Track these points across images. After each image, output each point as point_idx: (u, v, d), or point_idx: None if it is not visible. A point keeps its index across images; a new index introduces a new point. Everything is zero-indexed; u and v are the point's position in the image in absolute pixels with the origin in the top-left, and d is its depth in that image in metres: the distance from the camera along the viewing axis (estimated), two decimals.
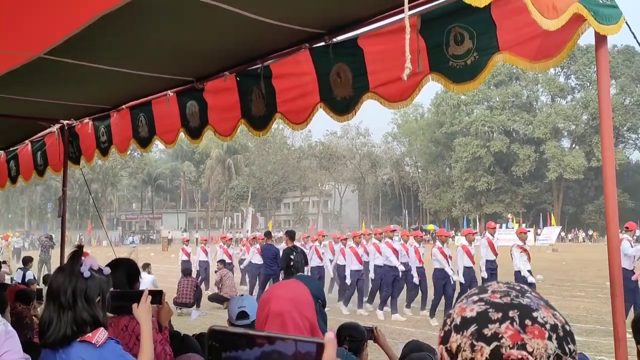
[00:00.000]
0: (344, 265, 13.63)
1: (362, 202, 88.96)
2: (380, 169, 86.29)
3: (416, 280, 12.81)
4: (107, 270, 2.30)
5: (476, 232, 18.59)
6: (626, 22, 2.60)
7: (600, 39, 2.57)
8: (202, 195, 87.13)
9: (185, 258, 18.52)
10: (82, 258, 2.21)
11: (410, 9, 3.16)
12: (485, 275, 12.01)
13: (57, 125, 6.27)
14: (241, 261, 17.73)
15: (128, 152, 5.61)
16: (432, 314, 11.73)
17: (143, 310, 2.45)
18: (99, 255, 2.55)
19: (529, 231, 13.14)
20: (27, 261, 11.58)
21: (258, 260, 15.28)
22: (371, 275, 13.15)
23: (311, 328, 2.01)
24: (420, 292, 13.08)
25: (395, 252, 12.95)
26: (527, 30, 2.68)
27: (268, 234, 14.96)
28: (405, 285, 13.10)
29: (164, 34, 3.57)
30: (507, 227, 55.71)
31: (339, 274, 14.11)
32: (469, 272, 12.08)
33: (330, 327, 2.57)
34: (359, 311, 13.06)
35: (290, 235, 13.05)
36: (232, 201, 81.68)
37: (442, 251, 12.31)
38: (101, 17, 3.04)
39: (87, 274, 2.17)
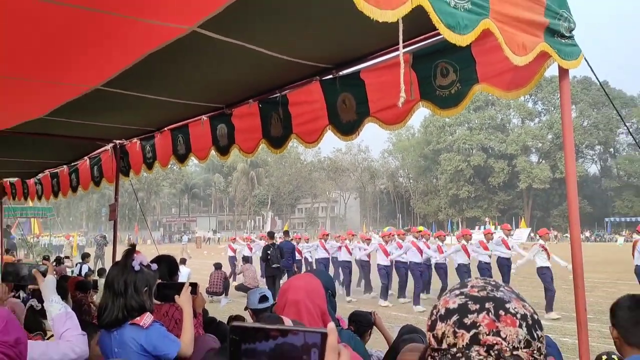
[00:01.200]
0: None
1: (363, 207, 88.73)
2: (378, 179, 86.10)
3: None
4: (155, 266, 2.32)
5: (471, 232, 18.43)
6: (585, 58, 2.59)
7: (563, 72, 2.56)
8: (230, 201, 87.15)
9: (231, 254, 18.51)
10: (134, 255, 2.23)
11: (404, 47, 3.19)
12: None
13: (111, 144, 6.31)
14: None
15: (169, 167, 5.61)
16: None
17: (185, 299, 2.46)
18: (145, 252, 2.56)
19: (494, 232, 12.99)
20: (85, 257, 11.65)
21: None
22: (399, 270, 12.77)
23: (322, 314, 2.00)
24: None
25: (420, 250, 12.59)
26: (501, 65, 2.68)
27: (271, 234, 14.95)
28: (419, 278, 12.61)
29: (199, 69, 3.59)
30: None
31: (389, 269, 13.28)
32: (463, 268, 11.98)
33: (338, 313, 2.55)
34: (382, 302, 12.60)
35: (270, 235, 13.43)
36: (255, 207, 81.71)
37: (440, 248, 12.31)
38: (146, 56, 3.08)
39: (137, 267, 2.20)
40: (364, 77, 3.41)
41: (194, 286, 3.00)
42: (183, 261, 13.13)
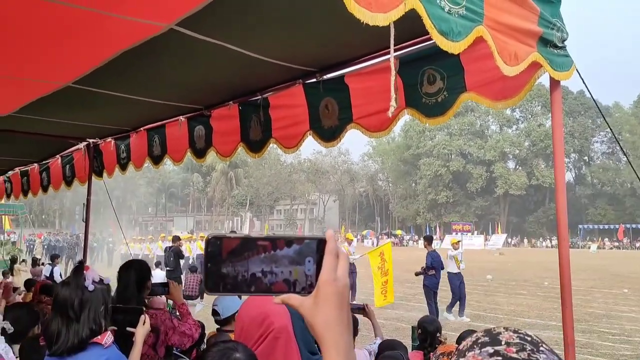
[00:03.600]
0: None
1: (342, 210, 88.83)
2: (357, 182, 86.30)
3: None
4: (107, 280, 2.14)
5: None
6: (577, 70, 2.53)
7: (555, 83, 2.49)
8: (208, 202, 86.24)
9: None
10: (85, 272, 2.05)
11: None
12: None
13: (84, 143, 6.10)
14: None
15: (143, 168, 5.43)
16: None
17: (140, 333, 2.30)
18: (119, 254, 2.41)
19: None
20: (54, 258, 11.26)
21: None
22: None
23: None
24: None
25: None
26: (490, 74, 2.60)
27: (175, 238, 14.94)
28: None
29: (177, 69, 3.45)
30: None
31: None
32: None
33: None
34: None
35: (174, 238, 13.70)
36: (233, 207, 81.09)
37: None
38: (121, 53, 2.92)
39: (91, 287, 2.01)
40: (348, 82, 3.31)
41: (165, 285, 2.92)
42: (157, 264, 12.87)
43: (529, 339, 0.74)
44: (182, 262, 12.73)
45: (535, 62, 2.34)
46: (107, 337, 2.01)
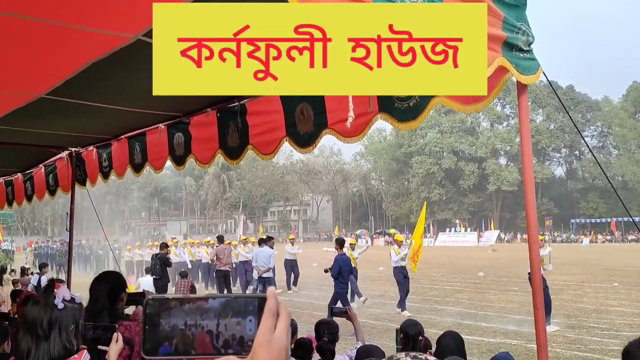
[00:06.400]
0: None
1: (336, 210, 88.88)
2: (350, 182, 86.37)
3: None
4: (79, 298, 2.13)
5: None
6: (543, 72, 2.54)
7: (522, 87, 2.51)
8: (201, 205, 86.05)
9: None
10: (55, 290, 2.03)
11: None
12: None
13: (66, 152, 6.07)
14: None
15: (124, 176, 5.40)
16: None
17: (113, 351, 2.28)
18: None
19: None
20: (42, 267, 11.18)
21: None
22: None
23: None
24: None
25: None
26: None
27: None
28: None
29: (151, 78, 3.43)
30: (455, 231, 56.23)
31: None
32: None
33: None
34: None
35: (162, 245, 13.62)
36: (226, 210, 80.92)
37: None
38: (93, 64, 2.92)
39: (60, 305, 1.99)
40: None
41: (141, 296, 2.90)
42: (147, 271, 12.82)
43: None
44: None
45: (501, 67, 2.35)
46: (85, 356, 2.00)
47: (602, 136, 72.92)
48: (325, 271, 11.45)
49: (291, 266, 15.94)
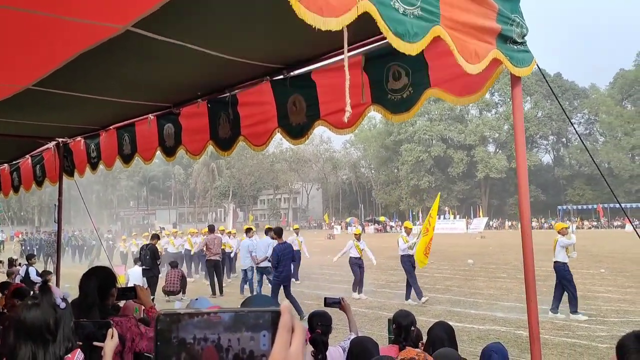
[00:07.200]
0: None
1: (326, 198, 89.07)
2: (340, 170, 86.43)
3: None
4: (68, 294, 2.11)
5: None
6: (537, 65, 2.53)
7: (515, 79, 2.50)
8: (190, 193, 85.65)
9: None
10: (52, 290, 2.00)
11: (356, 48, 3.06)
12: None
13: (53, 143, 5.99)
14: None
15: (113, 168, 5.33)
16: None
17: (109, 347, 2.25)
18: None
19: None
20: (30, 257, 11.06)
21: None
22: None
23: None
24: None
25: None
26: (453, 70, 2.58)
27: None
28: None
29: (141, 69, 3.39)
30: (444, 218, 56.61)
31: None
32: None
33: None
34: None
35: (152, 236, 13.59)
36: (216, 199, 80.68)
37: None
38: (81, 55, 2.86)
39: (62, 305, 1.96)
40: (315, 79, 3.28)
41: (132, 290, 2.88)
42: (136, 261, 12.76)
43: None
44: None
45: (495, 59, 2.34)
46: (78, 355, 1.98)
47: (588, 123, 73.46)
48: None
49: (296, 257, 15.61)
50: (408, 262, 11.75)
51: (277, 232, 10.95)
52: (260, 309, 0.65)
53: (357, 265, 12.64)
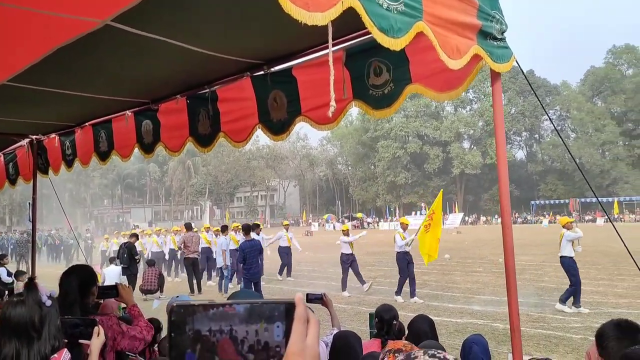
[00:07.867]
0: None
1: (303, 195, 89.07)
2: (317, 167, 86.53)
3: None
4: (54, 292, 2.07)
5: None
6: (516, 60, 2.58)
7: (495, 75, 2.54)
8: (166, 191, 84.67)
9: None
10: (38, 287, 1.96)
11: (337, 43, 3.07)
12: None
13: (27, 140, 5.85)
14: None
15: (90, 165, 5.24)
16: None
17: (95, 345, 2.22)
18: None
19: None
20: (1, 258, 10.79)
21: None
22: None
23: None
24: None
25: None
26: (434, 65, 2.62)
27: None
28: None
29: (120, 64, 3.33)
30: (420, 214, 57.12)
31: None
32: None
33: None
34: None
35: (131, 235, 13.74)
36: (192, 196, 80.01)
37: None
38: (58, 49, 2.80)
39: (48, 303, 1.93)
40: (295, 74, 3.28)
41: (113, 288, 2.85)
42: (112, 260, 12.58)
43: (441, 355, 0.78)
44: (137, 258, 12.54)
45: (476, 55, 2.37)
46: (65, 355, 1.95)
47: (560, 120, 74.97)
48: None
49: (286, 254, 15.68)
50: (404, 260, 11.51)
51: (245, 229, 10.87)
52: (275, 299, 0.66)
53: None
